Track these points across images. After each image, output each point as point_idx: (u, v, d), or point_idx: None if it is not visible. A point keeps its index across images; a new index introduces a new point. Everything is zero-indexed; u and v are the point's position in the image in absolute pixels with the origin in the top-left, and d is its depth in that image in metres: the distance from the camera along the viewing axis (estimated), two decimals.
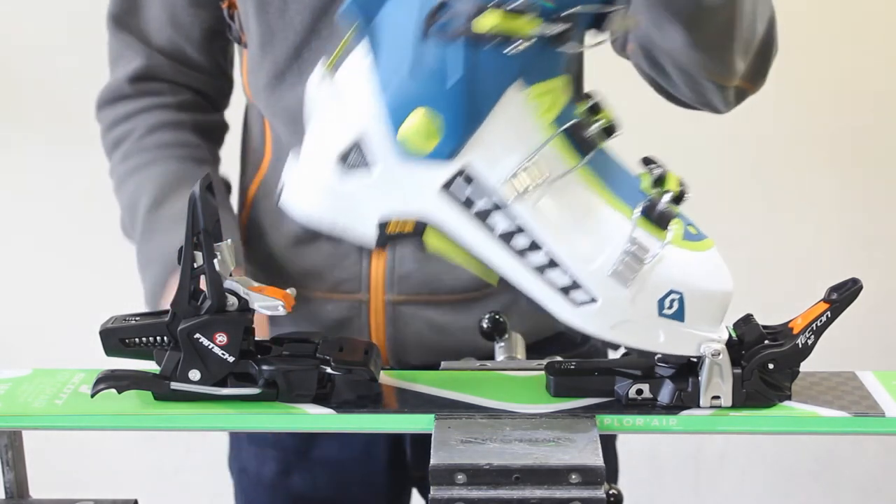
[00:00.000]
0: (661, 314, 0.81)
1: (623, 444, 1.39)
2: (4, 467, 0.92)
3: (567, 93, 0.80)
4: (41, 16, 2.15)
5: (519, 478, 0.79)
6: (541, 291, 0.81)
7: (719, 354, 0.84)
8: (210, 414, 0.88)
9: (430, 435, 0.84)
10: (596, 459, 0.80)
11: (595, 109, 0.82)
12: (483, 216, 0.80)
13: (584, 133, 0.79)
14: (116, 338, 0.89)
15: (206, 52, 1.25)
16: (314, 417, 0.88)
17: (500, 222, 0.80)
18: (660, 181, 0.82)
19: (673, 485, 2.37)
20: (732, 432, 0.87)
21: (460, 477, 0.79)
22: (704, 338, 0.84)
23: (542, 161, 0.78)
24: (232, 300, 0.87)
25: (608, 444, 1.34)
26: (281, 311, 0.87)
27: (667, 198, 0.81)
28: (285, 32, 1.15)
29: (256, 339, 0.90)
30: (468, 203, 0.80)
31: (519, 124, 0.78)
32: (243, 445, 1.34)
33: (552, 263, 0.80)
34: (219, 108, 1.32)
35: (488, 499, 0.78)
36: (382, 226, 0.82)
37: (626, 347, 0.84)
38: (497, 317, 1.07)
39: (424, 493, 1.34)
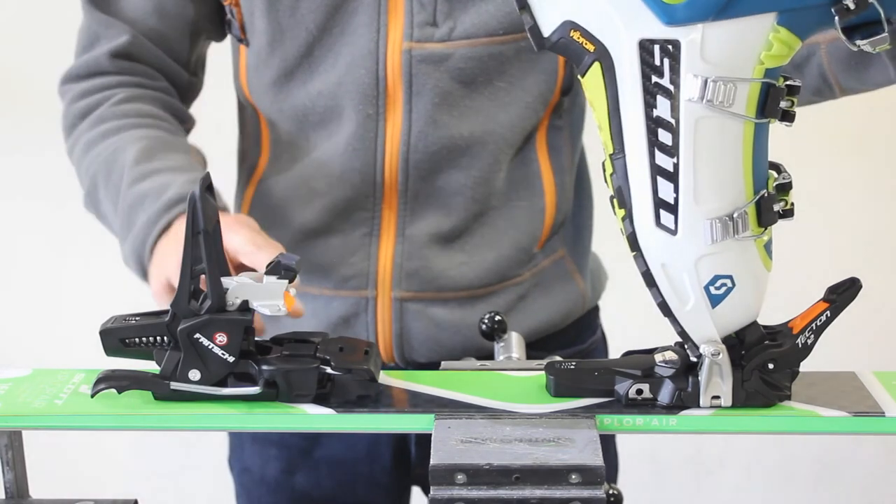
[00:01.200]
0: (706, 286, 0.82)
1: (623, 444, 1.39)
2: (4, 467, 0.92)
3: (789, 60, 0.80)
4: (48, 17, 2.15)
5: (519, 478, 0.79)
6: (640, 189, 0.81)
7: (719, 354, 0.84)
8: (210, 414, 0.88)
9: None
10: (596, 459, 0.80)
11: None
12: (654, 91, 0.79)
13: (773, 104, 0.80)
14: (116, 338, 0.89)
15: (188, 47, 1.22)
16: (314, 417, 0.88)
17: (662, 107, 0.79)
18: (780, 189, 0.83)
19: (673, 485, 2.37)
20: (732, 432, 0.87)
21: (460, 477, 0.79)
22: (708, 336, 0.84)
23: (732, 91, 0.78)
24: (232, 300, 0.87)
25: (608, 443, 1.33)
26: (282, 311, 0.87)
27: (780, 205, 0.83)
28: (296, 30, 1.14)
29: (256, 339, 0.90)
30: (652, 69, 0.78)
31: (745, 45, 0.78)
32: (246, 445, 1.33)
33: (672, 175, 0.80)
34: (187, 105, 1.28)
35: (488, 499, 0.78)
36: (567, 27, 0.79)
37: (653, 295, 0.83)
38: (497, 316, 1.07)
39: (427, 491, 1.34)
